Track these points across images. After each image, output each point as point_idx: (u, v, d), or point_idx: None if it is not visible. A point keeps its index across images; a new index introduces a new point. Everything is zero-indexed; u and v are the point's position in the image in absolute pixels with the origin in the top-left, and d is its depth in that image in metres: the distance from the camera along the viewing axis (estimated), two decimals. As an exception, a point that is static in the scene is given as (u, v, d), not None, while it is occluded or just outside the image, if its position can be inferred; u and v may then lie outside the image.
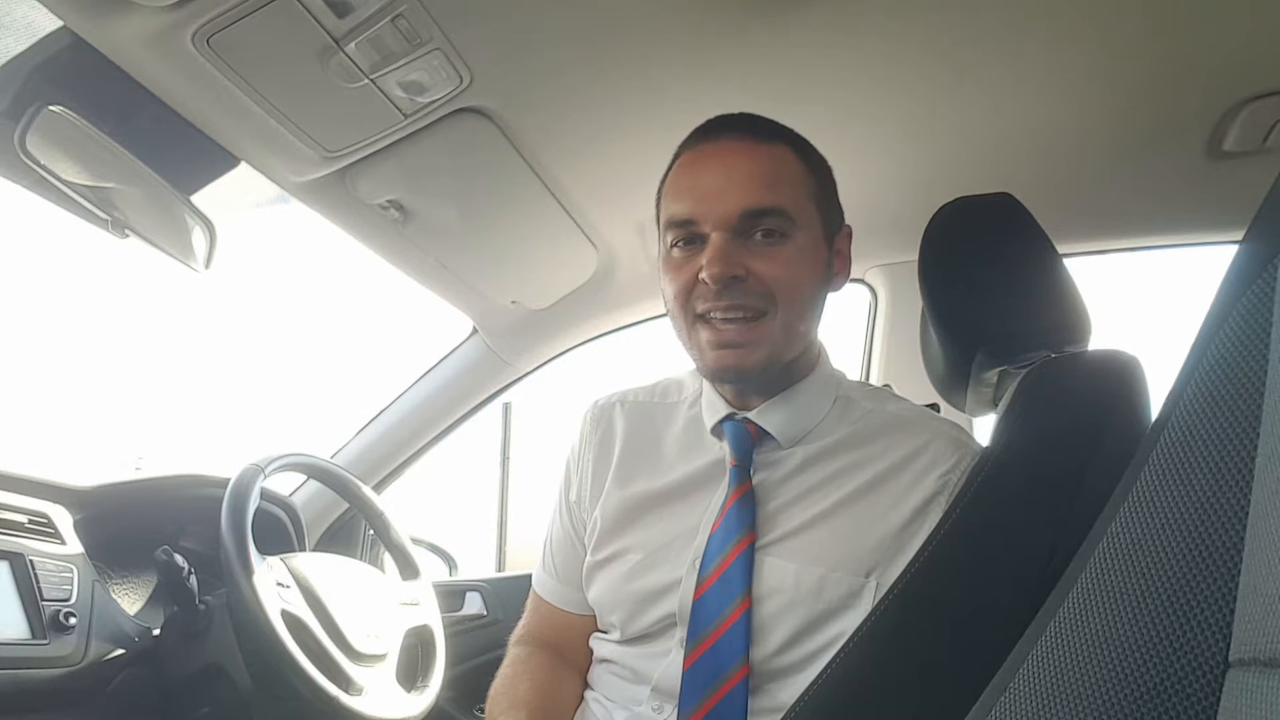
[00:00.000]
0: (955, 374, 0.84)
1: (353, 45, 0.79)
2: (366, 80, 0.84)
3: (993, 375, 0.81)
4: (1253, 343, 0.38)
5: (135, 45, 0.76)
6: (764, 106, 0.81)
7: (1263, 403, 0.36)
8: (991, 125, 1.08)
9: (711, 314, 0.75)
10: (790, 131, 0.79)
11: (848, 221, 0.84)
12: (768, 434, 0.80)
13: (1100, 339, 0.77)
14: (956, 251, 0.82)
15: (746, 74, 0.96)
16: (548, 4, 0.82)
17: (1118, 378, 0.68)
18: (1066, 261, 0.80)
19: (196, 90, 0.83)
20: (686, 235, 0.76)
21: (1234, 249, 0.41)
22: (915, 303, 0.92)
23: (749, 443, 0.80)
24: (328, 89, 0.84)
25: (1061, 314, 0.77)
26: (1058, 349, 0.75)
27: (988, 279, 0.79)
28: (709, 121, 0.80)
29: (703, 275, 0.73)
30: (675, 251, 0.77)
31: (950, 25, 0.90)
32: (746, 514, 0.77)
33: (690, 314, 0.76)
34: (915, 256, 0.84)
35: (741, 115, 0.79)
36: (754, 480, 0.79)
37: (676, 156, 0.81)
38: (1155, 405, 0.66)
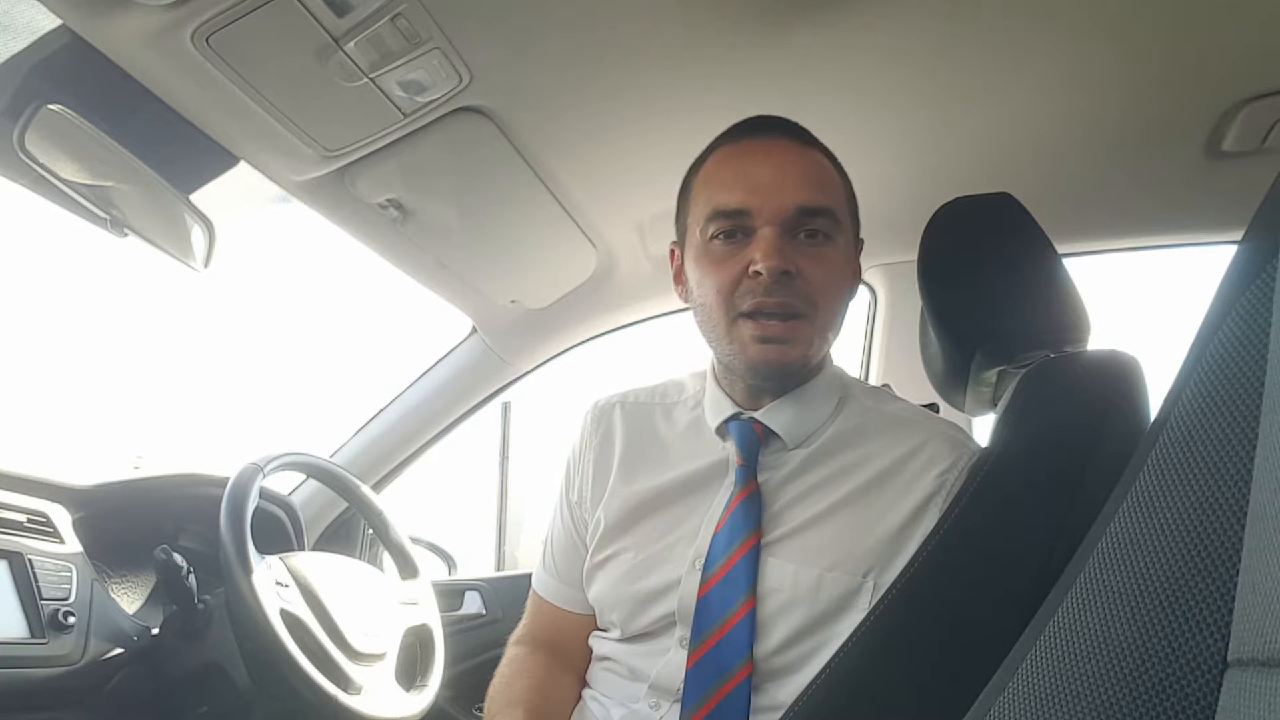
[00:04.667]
0: (954, 374, 0.84)
1: (352, 44, 0.79)
2: (366, 79, 0.84)
3: (992, 375, 0.81)
4: (1252, 342, 0.38)
5: (134, 44, 0.76)
6: (765, 105, 0.82)
7: (1261, 402, 0.36)
8: (991, 125, 1.08)
9: (759, 312, 0.73)
10: (823, 144, 0.80)
11: (847, 221, 0.84)
12: (773, 434, 0.80)
13: (1099, 339, 0.78)
14: (956, 251, 0.82)
15: (747, 74, 0.96)
16: (548, 3, 0.82)
17: (1117, 377, 0.68)
18: (1066, 261, 0.80)
19: (196, 89, 0.83)
20: (732, 227, 0.75)
21: (1233, 249, 0.41)
22: (915, 303, 0.92)
23: (756, 443, 0.80)
24: (327, 88, 0.84)
25: (1060, 314, 0.77)
26: (1057, 349, 0.76)
27: (987, 279, 0.79)
28: (749, 119, 0.80)
29: (756, 267, 0.72)
30: (716, 244, 0.76)
31: (950, 26, 0.90)
32: (753, 514, 0.77)
33: (734, 311, 0.75)
34: (915, 256, 0.84)
35: (782, 118, 0.80)
36: (758, 480, 0.79)
37: (712, 150, 0.81)
38: (1154, 405, 0.66)
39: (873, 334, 1.48)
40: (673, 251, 0.85)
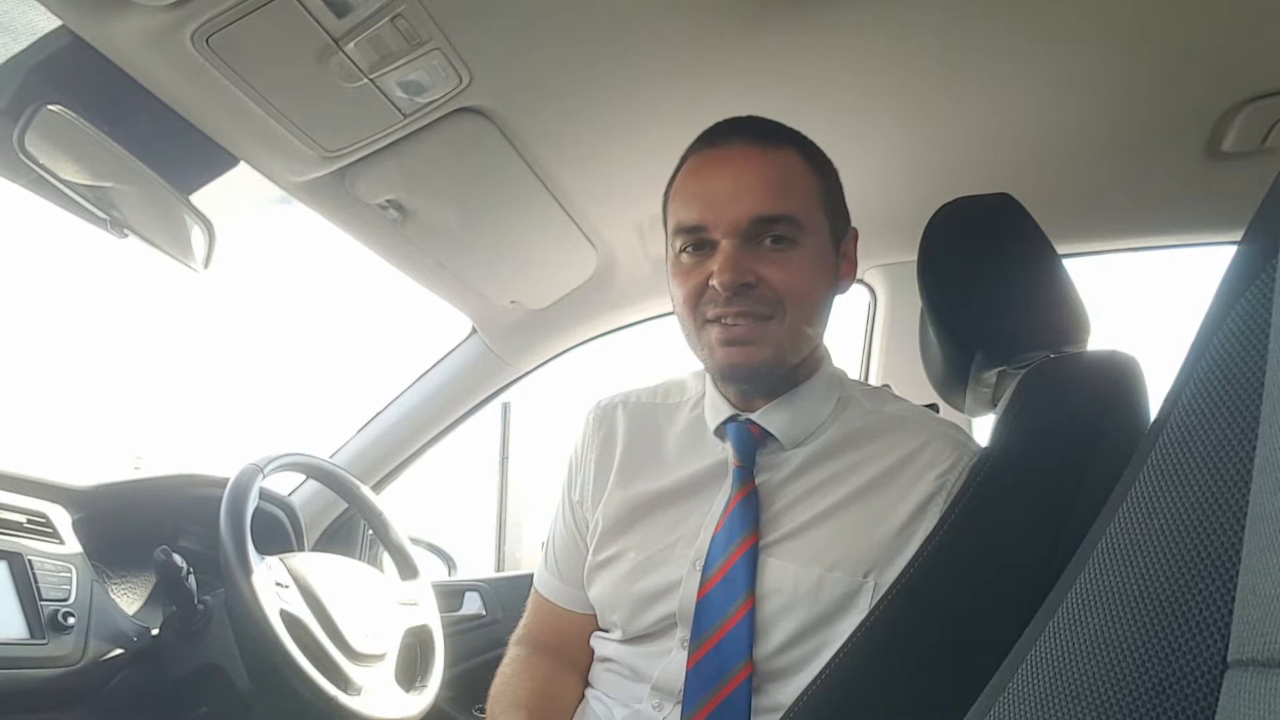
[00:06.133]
0: (954, 374, 0.84)
1: (352, 45, 0.79)
2: (366, 80, 0.84)
3: (991, 375, 0.81)
4: (1251, 343, 0.38)
5: (134, 45, 0.76)
6: (764, 106, 0.81)
7: (1261, 402, 0.36)
8: (991, 125, 1.08)
9: (722, 319, 0.75)
10: (797, 135, 0.79)
11: (847, 223, 0.84)
12: (771, 435, 0.80)
13: (1099, 339, 0.78)
14: (955, 252, 0.82)
15: (747, 74, 0.96)
16: (548, 4, 0.82)
17: (1116, 378, 0.68)
18: (1065, 262, 0.80)
19: (196, 90, 0.83)
20: (695, 241, 0.76)
21: (1233, 249, 0.41)
22: (914, 303, 0.92)
23: (752, 444, 0.80)
24: (327, 89, 0.84)
25: (1060, 314, 0.77)
26: (1056, 349, 0.75)
27: (987, 279, 0.79)
28: (715, 126, 0.80)
29: (713, 282, 0.73)
30: (684, 257, 0.77)
31: (950, 26, 0.90)
32: (750, 515, 0.77)
33: (700, 318, 0.77)
34: (914, 257, 0.84)
35: (748, 119, 0.79)
36: (757, 481, 0.79)
37: (683, 161, 0.81)
38: (1154, 405, 0.67)
39: (873, 334, 1.48)
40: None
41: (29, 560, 0.97)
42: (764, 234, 0.74)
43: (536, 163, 1.07)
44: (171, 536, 1.26)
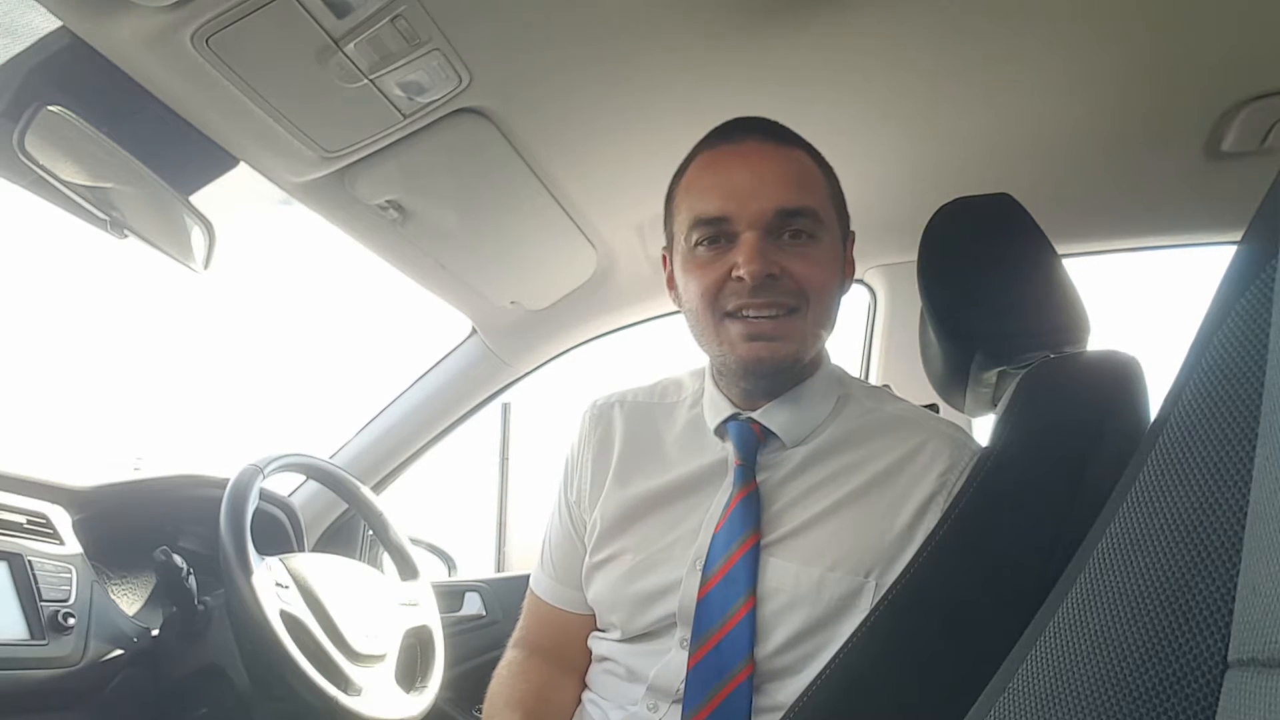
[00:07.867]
0: (954, 374, 0.84)
1: (352, 45, 0.79)
2: (365, 80, 0.84)
3: (991, 376, 0.81)
4: (1251, 342, 0.38)
5: (134, 45, 0.76)
6: (764, 107, 0.82)
7: (1261, 402, 0.36)
8: (991, 126, 1.08)
9: (745, 311, 0.74)
10: (803, 139, 0.80)
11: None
12: (772, 434, 0.80)
13: (1099, 339, 0.78)
14: (955, 252, 0.82)
15: (747, 75, 0.96)
16: (548, 4, 0.82)
17: (1116, 378, 0.68)
18: (1065, 262, 0.80)
19: (195, 90, 0.83)
20: (715, 233, 0.76)
21: (1233, 249, 0.41)
22: (914, 303, 0.92)
23: (754, 443, 0.80)
24: (327, 89, 0.84)
25: (1060, 314, 0.77)
26: (1056, 349, 0.76)
27: (986, 279, 0.79)
28: (726, 123, 0.81)
29: (738, 272, 0.73)
30: (700, 250, 0.77)
31: (950, 27, 0.90)
32: (751, 514, 0.77)
33: (719, 312, 0.76)
34: (914, 257, 0.84)
35: (759, 119, 0.80)
36: (757, 480, 0.79)
37: (692, 157, 0.81)
38: (1154, 405, 0.67)
39: (873, 334, 1.48)
40: (664, 258, 0.85)
41: (29, 561, 0.97)
42: (785, 227, 0.74)
43: (536, 163, 1.07)
44: (171, 537, 1.26)
